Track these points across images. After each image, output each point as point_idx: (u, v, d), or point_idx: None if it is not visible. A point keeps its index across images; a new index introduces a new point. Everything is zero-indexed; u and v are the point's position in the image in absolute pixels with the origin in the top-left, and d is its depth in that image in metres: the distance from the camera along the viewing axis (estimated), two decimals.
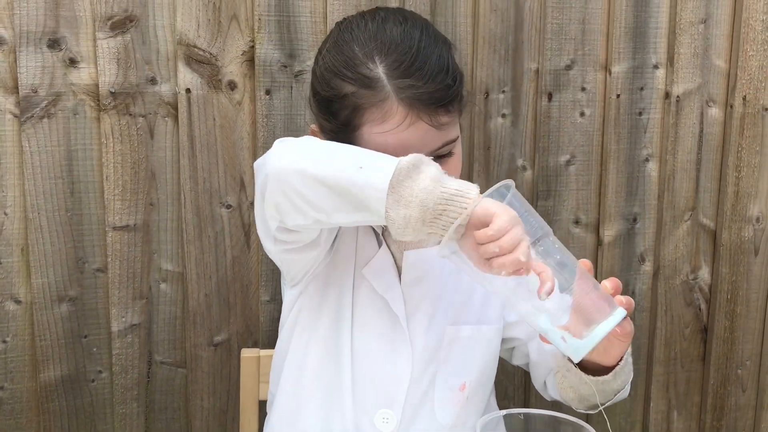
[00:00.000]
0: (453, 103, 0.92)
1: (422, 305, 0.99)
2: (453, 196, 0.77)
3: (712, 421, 1.52)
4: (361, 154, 0.84)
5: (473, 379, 1.01)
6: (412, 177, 0.78)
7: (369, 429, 0.97)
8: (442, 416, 0.99)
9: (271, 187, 0.86)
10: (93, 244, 1.22)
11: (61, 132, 1.18)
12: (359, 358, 0.98)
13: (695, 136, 1.40)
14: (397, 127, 0.88)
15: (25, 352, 1.22)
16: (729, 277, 1.46)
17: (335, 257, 0.99)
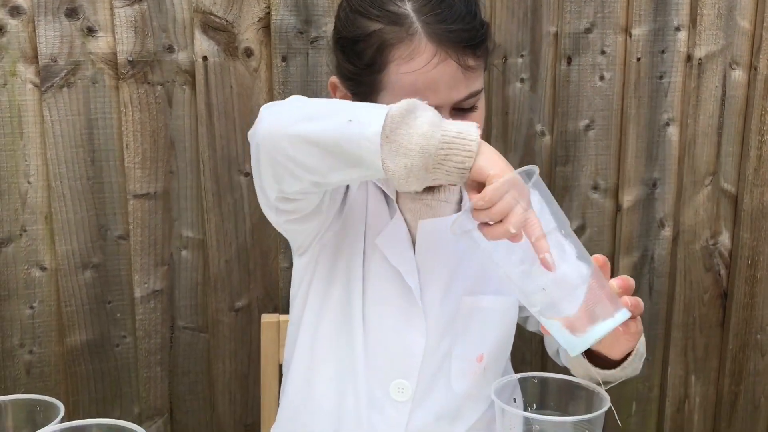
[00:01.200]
0: (480, 47, 0.90)
1: (437, 276, 0.98)
2: (455, 139, 0.74)
3: (730, 386, 1.52)
4: (349, 107, 0.81)
5: (490, 350, 1.00)
6: (408, 123, 0.74)
7: (383, 398, 0.98)
8: (458, 386, 0.99)
9: (264, 156, 0.85)
10: (115, 212, 1.24)
11: (81, 101, 1.20)
12: (372, 329, 0.97)
13: (717, 99, 1.38)
14: (426, 65, 0.86)
15: (51, 317, 1.25)
16: (750, 243, 1.45)
17: (345, 226, 0.99)
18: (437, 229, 0.98)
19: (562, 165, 1.35)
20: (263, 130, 0.84)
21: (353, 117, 0.76)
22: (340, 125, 0.77)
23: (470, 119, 0.90)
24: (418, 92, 0.86)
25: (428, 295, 0.98)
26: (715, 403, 1.53)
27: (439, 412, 0.98)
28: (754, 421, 1.55)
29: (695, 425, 1.53)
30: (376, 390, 0.98)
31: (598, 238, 1.39)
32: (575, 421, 0.73)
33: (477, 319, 0.99)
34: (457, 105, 0.90)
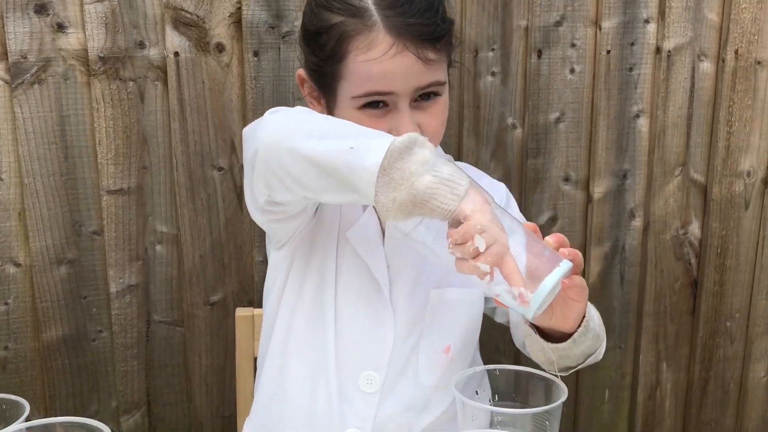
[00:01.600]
0: (441, 41, 0.91)
1: (406, 269, 1.00)
2: (444, 181, 0.76)
3: (700, 372, 1.55)
4: (354, 131, 0.82)
5: (457, 341, 1.02)
6: (404, 158, 0.76)
7: (353, 390, 0.99)
8: (426, 378, 1.01)
9: (261, 163, 0.86)
10: (89, 208, 1.25)
11: (53, 97, 1.20)
12: (343, 322, 0.99)
13: (686, 91, 1.40)
14: (383, 54, 0.88)
15: (26, 313, 1.26)
16: (719, 232, 1.47)
17: (320, 220, 1.00)
18: (404, 222, 0.99)
19: (533, 157, 1.37)
20: (265, 137, 0.85)
21: (355, 144, 0.78)
22: (341, 150, 0.78)
23: (431, 113, 0.93)
24: (373, 80, 0.89)
25: (397, 289, 1.00)
26: (686, 389, 1.56)
27: (407, 403, 1.00)
28: (724, 405, 1.58)
29: (667, 411, 1.56)
30: (346, 382, 0.99)
31: (570, 229, 1.41)
32: (534, 413, 0.75)
33: (444, 311, 1.01)
34: (419, 92, 0.92)
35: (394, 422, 1.00)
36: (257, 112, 1.25)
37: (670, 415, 1.57)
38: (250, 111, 1.25)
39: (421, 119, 0.93)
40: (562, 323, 0.85)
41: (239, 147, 1.26)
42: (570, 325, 0.85)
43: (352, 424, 0.99)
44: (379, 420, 0.99)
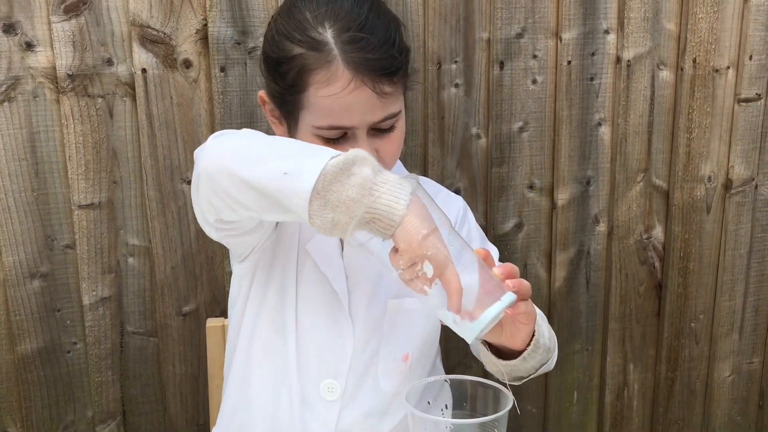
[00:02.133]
0: (397, 74, 0.94)
1: (364, 280, 1.03)
2: (381, 207, 0.76)
3: (666, 372, 1.59)
4: (291, 152, 0.83)
5: (416, 349, 1.05)
6: (341, 180, 0.76)
7: (315, 398, 1.02)
8: (386, 385, 1.04)
9: (204, 185, 0.88)
10: (60, 222, 1.27)
11: (23, 115, 1.22)
12: (303, 332, 1.02)
13: (647, 99, 1.43)
14: (342, 90, 0.91)
15: (1, 326, 1.28)
16: (682, 236, 1.51)
17: (280, 232, 1.03)
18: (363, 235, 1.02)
19: (497, 166, 1.40)
20: (207, 162, 0.87)
21: (289, 169, 0.78)
22: (276, 175, 0.79)
23: (387, 140, 0.96)
24: (335, 114, 0.92)
25: (356, 299, 1.03)
26: (653, 388, 1.60)
27: (368, 410, 1.03)
28: (691, 404, 1.62)
29: (635, 410, 1.60)
30: (308, 390, 1.02)
31: (535, 235, 1.45)
32: (481, 422, 0.78)
33: (402, 320, 1.04)
34: (374, 126, 0.95)
35: (356, 428, 1.03)
36: (225, 126, 1.27)
37: (638, 414, 1.60)
38: (219, 125, 1.28)
39: (378, 145, 0.96)
40: (510, 342, 0.88)
41: None
42: (518, 344, 0.88)
43: (315, 430, 1.02)
44: (341, 426, 1.02)
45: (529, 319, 0.85)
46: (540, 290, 1.48)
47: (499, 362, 0.90)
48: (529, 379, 0.95)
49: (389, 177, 0.78)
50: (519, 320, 0.85)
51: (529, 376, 0.93)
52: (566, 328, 1.51)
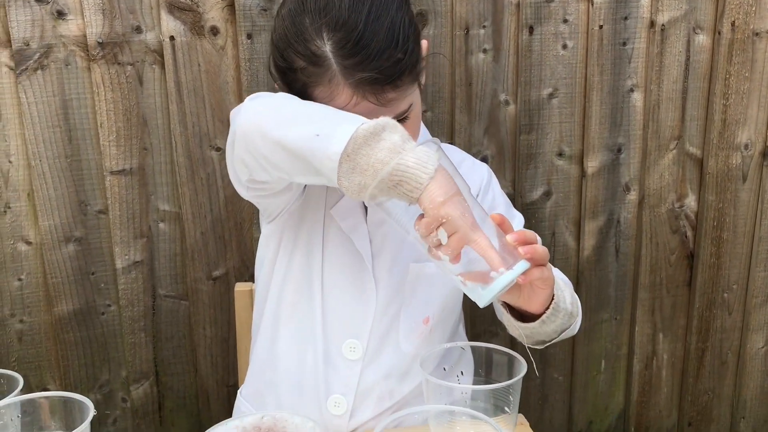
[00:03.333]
0: (402, 78, 0.91)
1: (387, 244, 1.04)
2: (409, 170, 0.77)
3: (697, 343, 1.57)
4: (323, 116, 0.84)
5: (436, 313, 1.06)
6: (370, 144, 0.78)
7: (338, 356, 1.05)
8: (406, 346, 1.05)
9: (238, 145, 0.90)
10: (93, 188, 1.30)
11: (56, 83, 1.24)
12: (328, 293, 1.04)
13: (681, 64, 1.39)
14: (345, 106, 0.90)
15: (39, 288, 1.32)
16: (716, 204, 1.48)
17: (307, 197, 1.04)
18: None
19: (526, 133, 1.38)
20: (242, 122, 0.89)
21: (321, 131, 0.80)
22: (308, 137, 0.81)
23: (404, 124, 0.93)
24: None
25: (379, 262, 1.04)
26: (683, 359, 1.58)
27: (389, 371, 1.05)
28: (722, 375, 1.60)
29: (663, 380, 1.59)
30: (331, 349, 1.05)
31: (564, 204, 1.43)
32: (493, 388, 0.79)
33: (423, 284, 1.05)
34: None
35: (377, 388, 1.05)
36: (252, 93, 1.28)
37: (666, 384, 1.59)
38: (246, 92, 1.28)
39: None
40: (527, 305, 0.89)
41: None
42: (536, 307, 0.89)
43: (337, 390, 1.04)
44: (362, 386, 1.04)
45: (546, 284, 0.85)
46: (568, 259, 1.47)
47: (518, 324, 0.91)
48: (552, 344, 0.95)
49: (417, 144, 0.80)
50: (536, 285, 0.85)
51: (551, 341, 0.94)
52: (594, 297, 1.50)
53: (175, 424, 1.43)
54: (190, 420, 1.43)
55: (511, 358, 0.84)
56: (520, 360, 0.82)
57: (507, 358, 0.84)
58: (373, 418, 1.04)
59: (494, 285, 0.77)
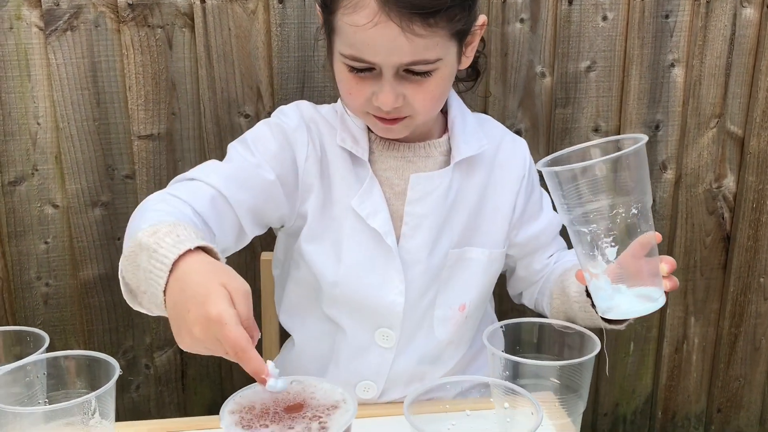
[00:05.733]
0: (437, 17, 0.83)
1: (427, 228, 0.99)
2: (154, 297, 0.74)
3: (730, 328, 1.53)
4: (132, 253, 0.78)
5: (473, 299, 1.03)
6: (136, 274, 0.76)
7: (370, 344, 1.02)
8: (440, 334, 1.02)
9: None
10: (121, 152, 1.29)
11: (85, 44, 1.23)
12: (354, 289, 0.99)
13: (726, 39, 1.34)
14: (366, 22, 0.83)
15: (65, 252, 1.32)
16: (756, 186, 1.43)
17: (327, 192, 1.00)
18: (429, 183, 0.99)
19: (562, 107, 1.35)
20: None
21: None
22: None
23: (419, 87, 0.89)
24: (357, 46, 0.86)
25: (415, 247, 0.99)
26: (714, 344, 1.55)
27: (421, 356, 1.03)
28: (754, 362, 1.56)
29: (693, 365, 1.56)
30: (363, 337, 1.02)
31: None
32: (565, 365, 0.77)
33: (462, 270, 1.02)
34: (402, 68, 0.87)
35: (408, 374, 1.03)
36: (282, 58, 1.26)
37: (696, 368, 1.56)
38: (276, 58, 1.26)
39: (408, 91, 0.89)
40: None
41: (265, 94, 1.28)
42: None
43: (368, 376, 1.03)
44: (393, 372, 1.02)
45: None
46: None
47: (605, 325, 0.95)
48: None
49: (160, 256, 0.72)
50: None
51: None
52: None
53: (198, 392, 1.43)
54: (213, 389, 1.43)
55: (581, 336, 0.82)
56: (594, 339, 0.80)
57: (579, 336, 0.83)
58: (402, 398, 1.02)
59: (634, 309, 0.81)
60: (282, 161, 0.97)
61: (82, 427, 0.70)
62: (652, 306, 0.81)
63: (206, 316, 0.66)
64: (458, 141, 0.99)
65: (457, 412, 0.73)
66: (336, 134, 0.99)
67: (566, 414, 0.82)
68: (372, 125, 0.96)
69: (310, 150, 0.99)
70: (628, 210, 0.77)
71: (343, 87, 0.93)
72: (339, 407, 0.68)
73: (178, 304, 0.69)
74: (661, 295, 0.82)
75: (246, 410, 0.68)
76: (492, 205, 1.03)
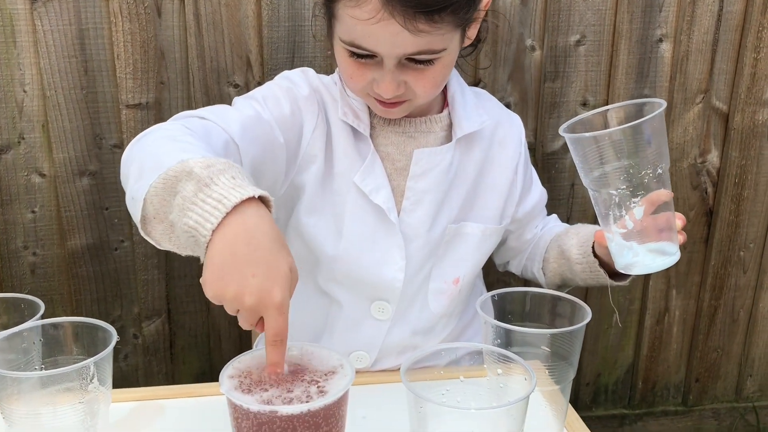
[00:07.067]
0: (441, 14, 0.82)
1: (427, 203, 0.99)
2: (191, 229, 0.67)
3: (710, 300, 1.56)
4: (149, 168, 0.72)
5: (467, 273, 1.04)
6: (167, 201, 0.70)
7: (366, 317, 1.03)
8: (435, 307, 1.03)
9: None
10: (109, 121, 1.28)
11: (72, 11, 1.21)
12: (353, 263, 0.99)
13: (713, 14, 1.36)
14: (369, 18, 0.82)
15: (52, 221, 1.31)
16: (738, 161, 1.46)
17: (329, 166, 0.99)
18: (431, 158, 0.99)
19: (551, 81, 1.35)
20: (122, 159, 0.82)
21: (135, 194, 0.73)
22: (128, 200, 0.75)
23: (421, 75, 0.88)
24: (358, 36, 0.85)
25: (415, 222, 1.00)
26: (694, 316, 1.58)
27: (414, 328, 1.04)
28: (732, 333, 1.60)
29: (674, 336, 1.59)
30: (360, 309, 1.03)
31: None
32: (556, 333, 0.78)
33: (457, 244, 1.03)
34: (405, 57, 0.86)
35: (401, 345, 1.04)
36: (273, 28, 1.25)
37: (677, 340, 1.59)
38: (266, 27, 1.25)
39: (409, 78, 0.89)
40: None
41: (255, 64, 1.27)
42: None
43: (362, 347, 1.04)
44: (387, 342, 1.04)
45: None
46: (586, 210, 1.45)
47: (610, 282, 0.98)
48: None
49: (214, 192, 0.67)
50: None
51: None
52: None
53: (186, 362, 1.44)
54: (201, 359, 1.44)
55: (574, 305, 0.84)
56: (585, 307, 0.82)
57: (570, 305, 0.84)
58: (395, 367, 1.04)
59: (654, 264, 0.83)
60: (291, 126, 0.95)
61: (81, 392, 0.71)
62: (666, 260, 0.83)
63: (270, 295, 0.64)
64: (459, 117, 1.00)
65: (451, 379, 0.74)
66: (338, 107, 0.99)
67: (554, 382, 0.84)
68: (372, 106, 0.95)
69: (319, 121, 0.98)
70: (654, 170, 0.80)
71: (343, 70, 0.92)
72: (337, 372, 0.69)
73: (240, 257, 0.64)
74: (676, 250, 0.84)
75: (245, 375, 0.69)
76: (489, 181, 1.04)
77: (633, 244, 0.83)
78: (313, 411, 0.63)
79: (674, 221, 0.84)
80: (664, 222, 0.83)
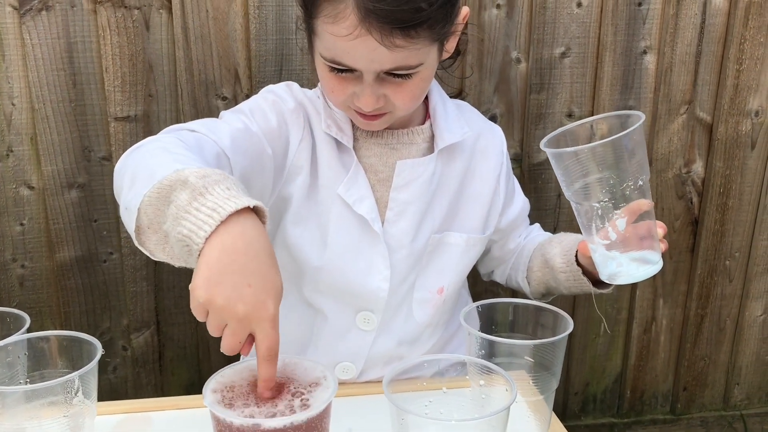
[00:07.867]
0: (417, 29, 0.83)
1: (410, 214, 1.00)
2: (185, 238, 0.66)
3: (697, 309, 1.57)
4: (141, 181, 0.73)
5: (451, 283, 1.05)
6: (161, 210, 0.69)
7: (351, 327, 1.03)
8: (419, 316, 1.04)
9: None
10: (97, 134, 1.28)
11: (60, 24, 1.22)
12: (338, 275, 1.00)
13: (696, 27, 1.37)
14: (347, 34, 0.83)
15: (41, 234, 1.31)
16: (723, 171, 1.47)
17: (314, 177, 1.00)
18: (414, 169, 1.00)
19: (536, 92, 1.37)
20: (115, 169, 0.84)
21: (129, 204, 0.73)
22: (122, 212, 0.76)
23: (399, 88, 0.90)
24: (337, 52, 0.86)
25: (399, 233, 1.00)
26: (681, 324, 1.59)
27: (400, 338, 1.05)
28: (719, 342, 1.61)
29: (661, 345, 1.60)
30: (345, 320, 1.03)
31: None
32: (539, 344, 0.79)
33: (441, 254, 1.03)
34: (384, 71, 0.87)
35: (387, 355, 1.04)
36: (260, 41, 1.26)
37: (664, 349, 1.60)
38: (254, 40, 1.26)
39: (388, 91, 0.90)
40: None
41: (243, 77, 1.28)
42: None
43: (347, 358, 1.04)
44: (372, 353, 1.04)
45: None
46: (573, 221, 1.46)
47: (594, 290, 1.00)
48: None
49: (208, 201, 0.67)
50: None
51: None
52: None
53: (175, 373, 1.44)
54: (190, 370, 1.44)
55: (557, 316, 0.85)
56: (567, 318, 0.83)
57: (553, 316, 0.85)
58: (381, 378, 1.04)
59: (636, 274, 0.83)
60: (278, 139, 0.97)
61: (66, 406, 0.71)
62: (649, 269, 0.84)
63: (264, 306, 0.65)
64: (441, 128, 1.01)
65: (435, 390, 0.75)
66: (321, 120, 1.00)
67: (539, 392, 0.85)
68: (353, 118, 0.97)
69: (305, 134, 0.99)
70: (636, 182, 0.82)
71: (324, 84, 0.94)
72: (320, 384, 0.70)
73: (236, 264, 0.65)
74: (658, 258, 0.85)
75: (228, 389, 0.69)
76: (471, 191, 1.05)
77: (615, 253, 0.84)
78: (296, 424, 0.64)
79: (655, 230, 0.85)
80: (645, 230, 0.84)
